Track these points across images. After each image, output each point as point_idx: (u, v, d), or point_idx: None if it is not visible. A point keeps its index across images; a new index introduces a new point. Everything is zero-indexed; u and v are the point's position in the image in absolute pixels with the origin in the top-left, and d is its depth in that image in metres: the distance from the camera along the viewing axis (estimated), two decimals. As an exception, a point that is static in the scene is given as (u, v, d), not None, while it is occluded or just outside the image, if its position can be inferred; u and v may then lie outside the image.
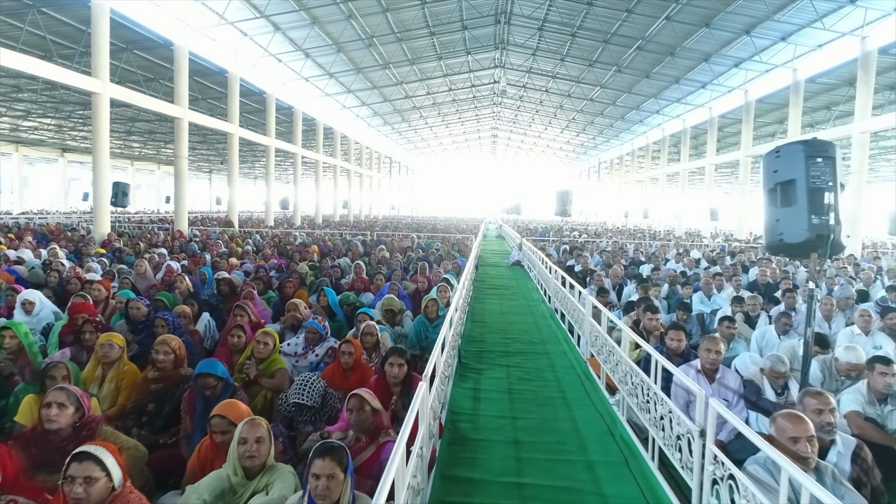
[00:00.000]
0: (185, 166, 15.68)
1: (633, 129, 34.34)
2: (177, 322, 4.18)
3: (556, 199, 12.44)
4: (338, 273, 7.82)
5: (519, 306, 8.54)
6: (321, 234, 16.24)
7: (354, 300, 5.95)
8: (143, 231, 15.98)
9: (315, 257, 10.34)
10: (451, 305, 4.75)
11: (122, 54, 16.38)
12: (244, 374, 3.54)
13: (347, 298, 5.92)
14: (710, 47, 18.74)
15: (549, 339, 6.36)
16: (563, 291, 7.06)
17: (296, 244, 13.38)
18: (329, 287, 6.52)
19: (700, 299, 7.12)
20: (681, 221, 28.48)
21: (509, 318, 7.52)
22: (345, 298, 5.93)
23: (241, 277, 7.69)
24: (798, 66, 17.87)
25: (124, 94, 13.36)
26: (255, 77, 21.21)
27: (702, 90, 23.66)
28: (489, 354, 5.62)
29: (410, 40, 21.51)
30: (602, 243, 18.03)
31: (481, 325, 7.07)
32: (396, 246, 13.52)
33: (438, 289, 5.75)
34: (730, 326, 4.78)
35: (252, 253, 11.26)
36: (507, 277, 12.22)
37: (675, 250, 14.33)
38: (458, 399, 4.31)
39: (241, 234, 15.61)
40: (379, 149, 42.73)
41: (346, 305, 5.85)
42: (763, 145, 21.65)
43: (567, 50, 22.44)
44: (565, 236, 22.51)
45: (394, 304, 5.47)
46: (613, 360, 4.33)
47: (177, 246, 11.29)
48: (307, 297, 5.89)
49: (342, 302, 5.87)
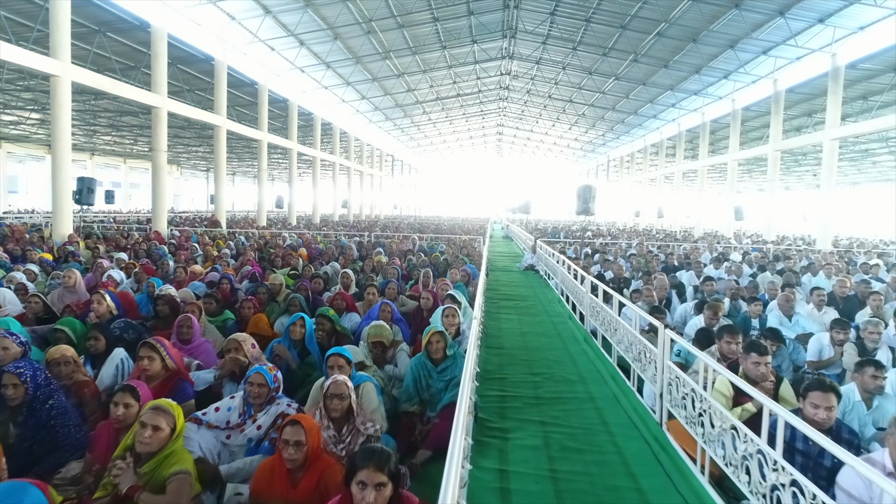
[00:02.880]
0: (163, 160, 14.23)
1: (646, 124, 32.71)
2: (41, 377, 2.69)
3: (578, 197, 10.93)
4: (319, 285, 6.33)
5: (541, 323, 7.02)
6: (313, 235, 14.76)
7: (335, 324, 4.46)
8: (117, 232, 14.54)
9: (300, 263, 8.86)
10: (469, 345, 3.28)
11: (95, 37, 14.93)
12: (110, 484, 2.05)
13: (324, 312, 4.42)
14: (739, 31, 17.18)
15: (590, 376, 4.84)
16: (604, 311, 5.54)
17: (283, 246, 11.90)
18: (304, 305, 5.03)
19: (778, 320, 5.59)
20: (699, 221, 26.87)
21: (533, 342, 6.00)
22: (321, 311, 4.43)
23: (201, 291, 6.23)
24: (837, 51, 16.30)
25: (89, 77, 11.91)
26: (245, 66, 19.75)
27: (724, 81, 22.08)
28: (514, 402, 4.11)
29: (412, 26, 20.00)
30: (621, 244, 16.49)
31: (498, 352, 5.56)
32: (396, 249, 12.02)
33: (444, 314, 4.24)
34: (877, 375, 3.22)
35: (229, 257, 9.79)
36: (522, 284, 10.70)
37: (707, 253, 12.77)
38: (479, 491, 2.81)
39: (224, 236, 14.15)
40: (380, 146, 41.24)
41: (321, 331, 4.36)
42: (795, 139, 20.13)
43: (580, 37, 20.88)
44: (577, 237, 20.98)
45: (383, 335, 3.98)
46: (715, 426, 2.83)
47: (142, 250, 9.82)
48: (267, 322, 4.38)
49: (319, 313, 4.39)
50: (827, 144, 16.36)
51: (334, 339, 4.47)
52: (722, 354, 3.94)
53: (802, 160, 34.23)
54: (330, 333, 4.37)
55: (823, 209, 16.80)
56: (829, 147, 16.31)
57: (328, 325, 4.36)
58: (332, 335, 4.40)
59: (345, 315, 5.02)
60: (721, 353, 3.99)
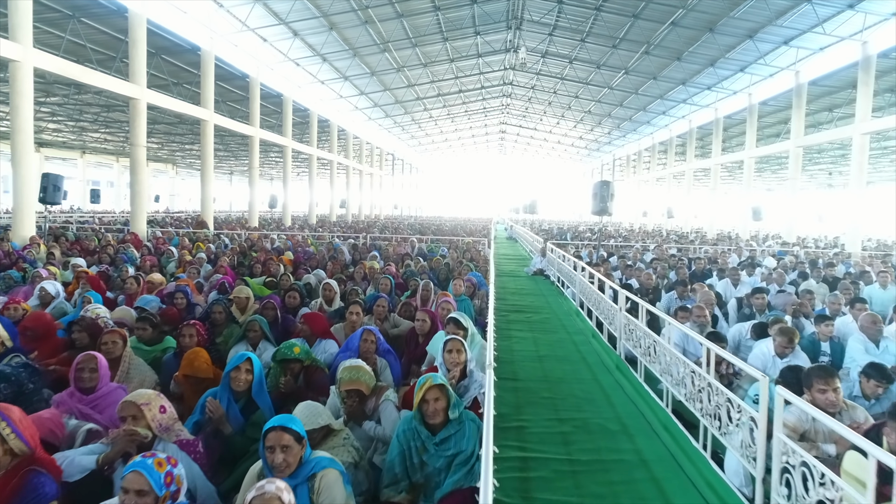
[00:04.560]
0: (142, 156, 13.16)
1: (655, 121, 31.54)
2: None
3: (594, 195, 9.82)
4: (294, 300, 5.23)
5: (561, 344, 5.91)
6: (304, 237, 13.67)
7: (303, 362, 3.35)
8: (93, 234, 13.47)
9: (281, 269, 7.77)
10: (486, 404, 2.21)
11: (68, 23, 13.87)
12: None
13: (286, 355, 3.31)
14: (762, 18, 16.06)
15: (634, 424, 3.72)
16: (647, 336, 4.41)
17: (268, 250, 10.81)
18: (266, 330, 3.95)
19: (863, 346, 4.47)
20: (712, 222, 25.72)
21: (554, 371, 4.90)
22: (282, 355, 3.32)
23: (153, 307, 5.16)
24: (868, 38, 15.18)
25: (54, 63, 10.85)
26: (235, 58, 18.68)
27: (740, 74, 20.94)
28: (541, 470, 3.01)
29: (412, 16, 18.90)
30: (635, 247, 15.36)
31: (513, 385, 4.46)
32: (392, 252, 10.92)
33: (447, 347, 3.13)
34: None
35: (205, 263, 8.70)
36: (532, 292, 9.59)
37: (735, 256, 11.64)
38: None
39: (209, 238, 13.06)
40: (380, 144, 40.12)
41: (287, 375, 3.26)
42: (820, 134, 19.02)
43: (590, 27, 19.76)
44: (587, 239, 19.86)
45: (361, 380, 2.88)
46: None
47: (106, 255, 8.73)
48: (206, 360, 3.26)
49: (279, 358, 3.29)
50: (857, 139, 15.24)
51: (303, 378, 3.38)
52: (814, 399, 2.85)
53: (818, 158, 33.02)
54: (297, 374, 3.28)
55: (853, 209, 15.65)
56: (860, 142, 15.19)
57: (296, 367, 3.28)
58: (299, 375, 3.31)
59: (318, 344, 3.91)
60: (815, 404, 2.90)
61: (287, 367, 3.22)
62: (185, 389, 3.19)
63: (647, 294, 6.93)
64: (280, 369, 3.22)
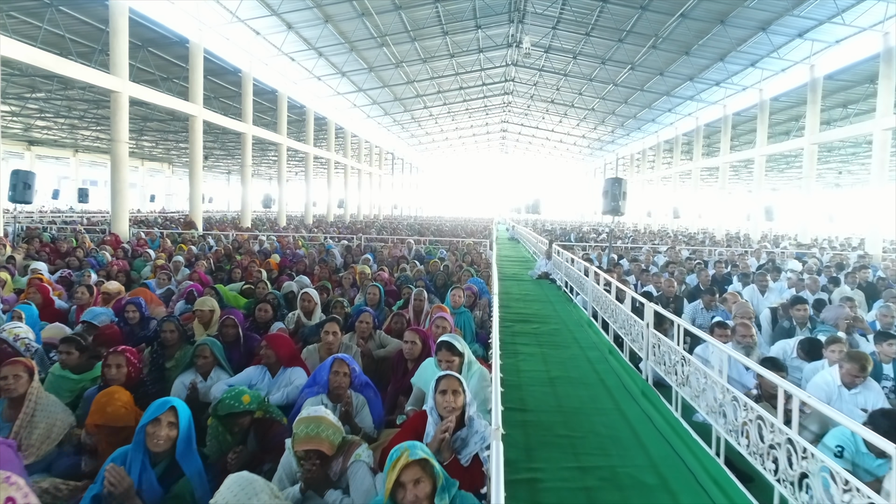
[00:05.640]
0: (123, 152, 12.43)
1: (661, 118, 30.74)
2: None
3: (605, 193, 9.08)
4: (266, 313, 4.50)
5: (574, 362, 5.17)
6: (295, 238, 12.93)
7: (253, 412, 2.59)
8: (71, 234, 12.73)
9: (263, 274, 7.03)
10: (492, 487, 1.51)
11: (46, 12, 13.14)
12: None
13: (232, 408, 2.51)
14: (777, 8, 15.31)
15: (674, 476, 2.98)
16: (685, 360, 3.67)
17: (254, 252, 10.08)
18: (221, 358, 3.22)
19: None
20: (721, 222, 24.94)
21: (569, 398, 4.15)
22: (226, 408, 2.53)
23: (103, 321, 4.44)
24: (890, 30, 14.42)
25: (23, 52, 10.11)
26: (227, 51, 17.95)
27: (751, 69, 20.18)
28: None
29: (410, 8, 18.16)
30: (644, 248, 14.62)
31: (521, 416, 3.73)
32: (387, 255, 10.18)
33: (439, 387, 2.38)
34: None
35: (182, 267, 7.96)
36: (539, 299, 8.85)
37: (754, 259, 10.89)
38: None
39: (193, 240, 12.33)
40: (379, 143, 39.35)
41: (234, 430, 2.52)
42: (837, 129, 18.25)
43: (595, 19, 19.00)
44: (592, 240, 19.12)
45: (323, 438, 2.13)
46: None
47: (74, 259, 8.00)
48: (125, 402, 2.51)
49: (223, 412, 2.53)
50: (878, 135, 14.49)
51: (254, 435, 2.63)
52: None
53: (827, 157, 32.21)
54: (247, 430, 2.54)
55: (874, 209, 14.89)
56: (881, 138, 14.43)
57: (245, 421, 2.54)
58: (249, 431, 2.57)
59: (282, 373, 3.17)
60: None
61: (234, 423, 2.47)
62: (100, 441, 2.46)
63: (669, 303, 6.19)
64: (223, 428, 2.46)
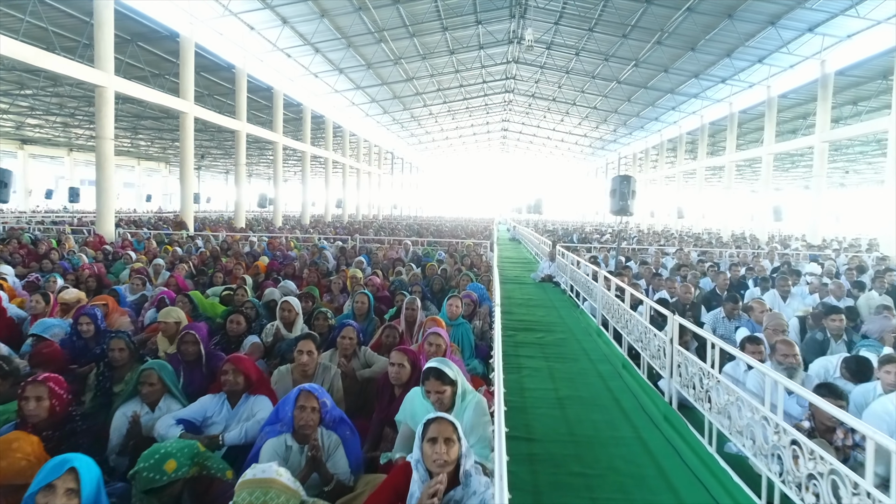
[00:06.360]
0: (109, 149, 11.93)
1: (664, 117, 30.20)
2: None
3: (612, 192, 8.54)
4: (239, 325, 3.98)
5: (584, 377, 4.65)
6: (287, 239, 12.41)
7: (181, 474, 2.03)
8: (55, 234, 12.23)
9: (248, 280, 6.52)
10: None
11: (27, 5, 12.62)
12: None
13: (153, 482, 1.87)
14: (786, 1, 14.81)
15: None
16: (735, 394, 3.14)
17: (242, 254, 9.56)
18: (174, 387, 2.70)
19: None
20: (726, 223, 24.40)
21: (582, 423, 3.63)
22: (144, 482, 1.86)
23: (56, 334, 3.95)
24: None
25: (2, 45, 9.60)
26: (220, 47, 17.43)
27: (759, 65, 19.65)
28: None
29: (409, 2, 17.64)
30: (649, 250, 14.10)
31: (527, 446, 3.21)
32: (383, 257, 9.66)
33: (427, 436, 1.86)
34: None
35: (163, 270, 7.44)
36: (542, 304, 8.34)
37: (767, 262, 10.36)
38: None
39: (181, 241, 11.81)
40: (378, 142, 38.81)
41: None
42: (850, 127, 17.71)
43: (599, 14, 18.48)
44: (597, 241, 18.57)
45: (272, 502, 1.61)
46: None
47: (48, 261, 7.48)
48: (33, 450, 1.99)
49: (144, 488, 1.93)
50: (893, 132, 13.93)
51: (187, 495, 2.09)
52: None
53: (834, 156, 31.67)
54: (178, 497, 2.01)
55: (890, 208, 14.32)
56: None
57: (175, 489, 1.99)
58: (181, 495, 2.04)
59: (244, 402, 2.65)
60: None
61: (161, 495, 1.92)
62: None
63: (686, 311, 5.67)
64: (148, 500, 1.91)
